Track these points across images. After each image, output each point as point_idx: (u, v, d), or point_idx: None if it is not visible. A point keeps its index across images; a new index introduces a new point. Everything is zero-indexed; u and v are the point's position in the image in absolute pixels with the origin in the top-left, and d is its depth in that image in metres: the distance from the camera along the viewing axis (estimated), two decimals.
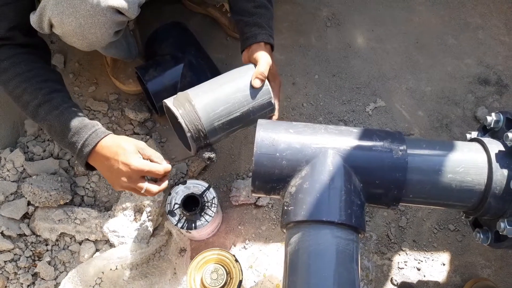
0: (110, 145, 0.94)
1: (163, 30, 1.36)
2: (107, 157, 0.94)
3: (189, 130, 0.94)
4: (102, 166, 0.96)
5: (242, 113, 0.97)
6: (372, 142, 0.83)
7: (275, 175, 0.82)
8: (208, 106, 0.95)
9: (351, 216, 0.78)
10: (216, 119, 0.95)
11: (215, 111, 0.95)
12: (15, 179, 1.25)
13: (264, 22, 1.05)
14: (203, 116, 0.94)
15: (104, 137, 0.95)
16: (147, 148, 0.97)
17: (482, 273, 1.25)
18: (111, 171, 0.94)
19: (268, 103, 1.00)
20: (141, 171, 0.93)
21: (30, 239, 1.22)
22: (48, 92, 0.97)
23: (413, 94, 1.48)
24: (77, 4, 0.94)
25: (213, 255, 1.07)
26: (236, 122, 0.98)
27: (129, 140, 0.96)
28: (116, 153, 0.93)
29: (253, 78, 0.98)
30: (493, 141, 0.86)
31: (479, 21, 1.59)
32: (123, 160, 0.92)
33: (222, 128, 0.97)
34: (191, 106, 0.94)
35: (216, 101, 0.96)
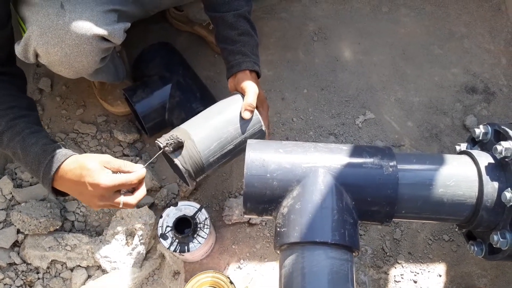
0: (73, 168, 0.88)
1: (150, 50, 1.36)
2: (73, 181, 0.88)
3: (186, 170, 0.94)
4: (72, 191, 0.91)
5: (235, 145, 0.99)
6: (362, 159, 0.83)
7: (266, 196, 0.81)
8: (202, 144, 0.95)
9: (344, 235, 0.77)
10: (211, 155, 0.96)
11: (209, 148, 0.96)
12: (4, 207, 1.23)
13: (248, 50, 1.06)
14: (201, 153, 0.95)
15: (65, 160, 0.89)
16: (114, 160, 0.90)
17: (478, 283, 1.25)
18: (82, 194, 0.89)
19: (259, 131, 1.01)
20: (112, 187, 0.87)
21: (21, 267, 1.20)
22: (12, 119, 0.94)
23: (401, 105, 1.49)
24: (62, 34, 0.93)
25: (207, 278, 1.06)
26: (229, 153, 1.00)
27: (92, 157, 0.89)
28: (81, 175, 0.86)
29: (243, 110, 0.99)
30: (482, 154, 0.86)
31: (464, 30, 1.61)
32: (90, 181, 0.86)
33: (217, 161, 0.98)
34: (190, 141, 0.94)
35: (209, 137, 0.96)
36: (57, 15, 0.93)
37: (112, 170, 0.89)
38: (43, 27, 0.93)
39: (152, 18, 1.40)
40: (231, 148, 0.98)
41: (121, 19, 1.04)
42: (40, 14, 0.93)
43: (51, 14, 0.93)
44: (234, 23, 1.06)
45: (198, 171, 0.96)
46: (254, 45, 1.08)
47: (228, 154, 0.99)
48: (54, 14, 0.93)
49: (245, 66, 1.04)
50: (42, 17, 0.93)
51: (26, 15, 0.95)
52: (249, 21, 1.09)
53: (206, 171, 0.98)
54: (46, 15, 0.93)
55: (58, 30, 0.93)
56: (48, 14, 0.93)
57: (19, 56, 0.98)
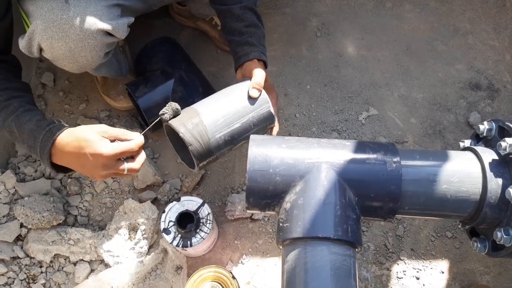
0: (70, 140, 0.86)
1: (153, 45, 1.36)
2: (73, 153, 0.86)
3: (191, 144, 0.92)
4: (72, 164, 0.90)
5: (242, 123, 0.97)
6: (365, 155, 0.83)
7: (269, 192, 0.81)
8: (209, 119, 0.94)
9: (347, 231, 0.77)
10: (217, 131, 0.94)
11: (216, 123, 0.94)
12: (7, 201, 1.24)
13: (255, 40, 1.06)
14: (207, 127, 0.93)
15: (60, 133, 0.88)
16: (110, 129, 0.89)
17: (481, 280, 1.25)
18: (84, 166, 0.87)
19: (268, 112, 1.00)
20: (114, 155, 0.86)
21: (24, 261, 1.21)
22: (6, 99, 0.93)
23: (405, 101, 1.48)
24: (67, 28, 0.93)
25: (209, 273, 1.06)
26: (237, 134, 0.97)
27: (89, 128, 0.88)
28: (81, 147, 0.85)
29: (250, 89, 0.99)
30: (486, 150, 0.85)
31: (468, 26, 1.60)
32: (91, 151, 0.84)
33: (224, 140, 0.96)
34: (197, 118, 0.93)
35: (216, 113, 0.95)
36: (62, 9, 0.93)
37: (110, 139, 0.88)
38: (47, 21, 0.92)
39: (155, 13, 1.40)
40: (238, 126, 0.96)
41: (125, 14, 1.04)
42: (44, 9, 0.93)
43: (55, 8, 0.93)
44: (241, 15, 1.06)
45: (204, 149, 0.93)
46: (261, 36, 1.08)
47: (235, 134, 0.97)
48: (59, 9, 0.93)
49: (253, 55, 1.04)
50: (46, 12, 0.92)
51: (30, 9, 0.94)
52: (256, 12, 1.09)
53: (212, 150, 0.95)
54: (50, 10, 0.93)
55: (62, 24, 0.93)
56: (52, 8, 0.93)
57: (23, 51, 0.98)
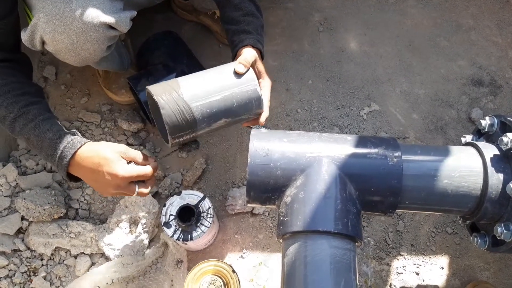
0: (90, 156, 0.89)
1: (155, 39, 1.36)
2: (90, 168, 0.89)
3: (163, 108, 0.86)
4: (87, 178, 0.91)
5: (224, 97, 0.90)
6: (366, 149, 0.83)
7: (270, 185, 0.81)
8: (187, 89, 0.89)
9: (348, 225, 0.77)
10: (194, 100, 0.88)
11: (194, 92, 0.89)
12: (8, 194, 1.24)
13: (251, 29, 1.04)
14: (185, 96, 0.88)
15: (81, 146, 0.90)
16: (129, 150, 0.91)
17: (481, 276, 1.25)
18: (98, 181, 0.90)
19: (253, 91, 0.93)
20: (129, 178, 0.89)
21: (25, 254, 1.21)
22: (24, 105, 0.94)
23: (407, 97, 1.48)
24: (69, 21, 0.93)
25: (210, 266, 1.06)
26: (216, 107, 0.90)
27: (109, 146, 0.90)
28: (99, 164, 0.88)
29: (236, 64, 0.95)
30: (488, 145, 0.85)
31: (471, 22, 1.60)
32: (108, 170, 0.87)
33: (202, 112, 0.89)
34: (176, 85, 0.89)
35: (196, 84, 0.90)
36: (64, 2, 0.93)
37: (127, 160, 0.91)
38: (49, 14, 0.92)
39: (157, 7, 1.39)
40: (219, 99, 0.90)
41: (127, 7, 1.04)
42: (47, 1, 0.92)
43: (58, 1, 0.92)
44: (239, 4, 1.05)
45: (178, 118, 0.88)
46: (259, 25, 1.07)
47: (214, 107, 0.90)
48: (61, 1, 0.92)
49: (247, 42, 1.02)
50: (48, 4, 0.92)
51: (33, 2, 0.94)
52: (255, 3, 1.08)
53: (188, 120, 0.89)
54: (53, 2, 0.92)
55: (65, 17, 0.93)
56: (55, 1, 0.92)
57: (26, 43, 0.98)
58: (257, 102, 0.95)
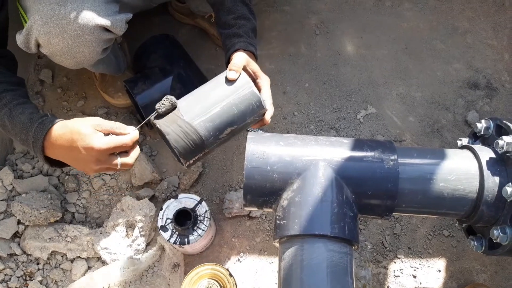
0: (63, 133, 0.84)
1: (152, 42, 1.36)
2: (65, 147, 0.84)
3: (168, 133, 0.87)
4: (65, 158, 0.87)
5: (223, 107, 0.90)
6: (363, 153, 0.83)
7: (266, 189, 0.81)
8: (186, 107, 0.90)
9: (344, 228, 0.77)
10: (194, 119, 0.89)
11: (192, 111, 0.89)
12: (4, 198, 1.23)
13: (242, 31, 1.03)
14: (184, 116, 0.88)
15: (52, 126, 0.85)
16: (105, 122, 0.86)
17: (478, 278, 1.25)
18: (77, 160, 0.85)
19: (250, 93, 0.93)
20: (107, 149, 0.84)
21: (21, 258, 1.20)
22: None
23: (403, 100, 1.48)
24: (64, 24, 0.93)
25: (207, 270, 1.06)
26: (218, 119, 0.90)
27: (82, 121, 0.85)
28: (73, 140, 0.83)
29: (227, 71, 0.94)
30: (483, 148, 0.86)
31: (467, 25, 1.60)
32: (84, 145, 0.82)
33: (205, 127, 0.89)
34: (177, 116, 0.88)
35: (193, 101, 0.91)
36: (59, 4, 0.92)
37: (104, 132, 0.85)
38: (45, 16, 0.92)
39: (154, 10, 1.40)
40: (218, 110, 0.90)
41: (123, 10, 1.04)
42: (42, 4, 0.92)
43: (53, 4, 0.92)
44: (232, 7, 1.05)
45: (184, 135, 0.88)
46: (250, 28, 1.06)
47: (216, 119, 0.90)
48: (56, 4, 0.92)
49: (239, 46, 1.01)
50: (44, 7, 0.92)
51: (28, 4, 0.94)
52: (247, 5, 1.07)
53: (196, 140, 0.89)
54: (48, 5, 0.92)
55: (60, 20, 0.93)
56: (50, 3, 0.92)
57: (21, 46, 0.98)
58: (257, 103, 0.94)
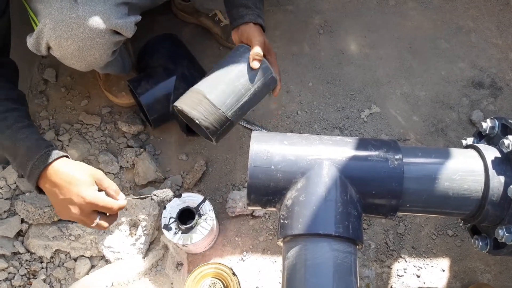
0: (63, 171, 0.86)
1: (155, 42, 1.36)
2: (58, 184, 0.85)
3: (208, 128, 0.98)
4: (52, 192, 0.87)
5: (250, 96, 1.01)
6: (367, 152, 0.82)
7: (270, 188, 0.81)
8: (218, 100, 0.98)
9: (348, 228, 0.77)
10: (228, 110, 0.98)
11: (225, 103, 0.98)
12: (8, 197, 1.24)
13: (250, 3, 1.04)
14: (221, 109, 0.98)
15: (57, 159, 0.87)
16: (105, 179, 0.88)
17: (482, 278, 1.24)
18: (62, 199, 0.85)
19: (271, 79, 1.03)
20: (94, 205, 0.85)
21: (25, 257, 1.21)
22: (2, 111, 0.91)
23: (407, 99, 1.48)
24: (76, 27, 0.93)
25: (210, 269, 1.06)
26: (246, 107, 1.02)
27: (86, 168, 0.88)
28: (70, 182, 0.84)
29: (251, 61, 0.99)
30: (489, 148, 0.85)
31: (471, 24, 1.59)
32: (77, 191, 0.84)
33: (236, 116, 1.00)
34: (206, 100, 0.97)
35: (223, 93, 0.99)
36: (70, 8, 0.93)
37: (99, 187, 0.88)
38: (56, 20, 0.92)
39: (157, 9, 1.39)
40: (246, 99, 1.01)
41: (132, 12, 1.04)
42: (53, 7, 0.93)
43: (64, 7, 0.93)
44: None
45: (219, 128, 1.00)
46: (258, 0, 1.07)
47: (244, 106, 1.01)
48: (67, 8, 0.93)
49: (248, 18, 1.02)
50: (55, 10, 0.92)
51: (38, 8, 0.94)
52: None
53: (227, 127, 1.01)
54: (59, 8, 0.92)
55: (71, 23, 0.93)
56: (61, 7, 0.92)
57: (31, 49, 0.98)
58: (274, 85, 1.05)
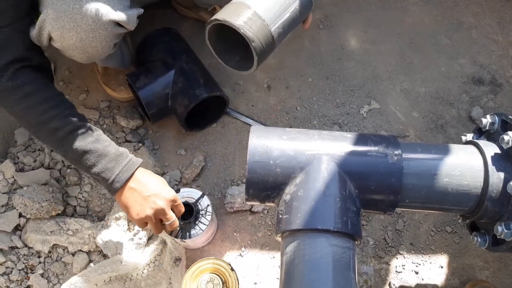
0: (150, 174, 1.01)
1: (154, 36, 1.35)
2: (147, 182, 0.98)
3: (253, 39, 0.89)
4: (139, 190, 0.97)
5: (291, 13, 0.96)
6: (366, 147, 0.82)
7: (269, 183, 0.80)
8: (263, 10, 0.92)
9: (347, 223, 0.76)
10: (272, 23, 0.93)
11: (269, 16, 0.92)
12: (6, 191, 1.23)
13: None
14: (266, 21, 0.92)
15: (140, 165, 1.00)
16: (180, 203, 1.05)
17: (480, 275, 1.24)
18: (148, 195, 0.97)
19: (309, 1, 1.00)
20: (175, 200, 1.01)
21: (22, 251, 1.20)
22: (79, 120, 0.97)
23: (407, 95, 1.47)
24: (78, 18, 0.92)
25: (208, 264, 1.05)
26: (287, 25, 0.96)
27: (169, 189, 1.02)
28: (158, 182, 1.00)
29: None
30: (488, 144, 0.85)
31: (472, 20, 1.59)
32: (165, 188, 1.00)
33: (278, 33, 0.95)
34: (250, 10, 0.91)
35: (268, 4, 0.93)
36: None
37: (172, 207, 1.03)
38: (58, 10, 0.92)
39: (157, 4, 1.38)
40: (288, 16, 0.95)
41: (133, 5, 1.03)
42: None
43: None
44: None
45: (265, 42, 0.92)
46: None
47: (285, 25, 0.96)
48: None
49: None
50: (57, 1, 0.91)
51: None
52: None
53: (271, 45, 0.94)
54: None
55: (74, 14, 0.92)
56: None
57: (33, 39, 0.97)
58: (309, 9, 1.02)
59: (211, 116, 1.39)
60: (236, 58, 0.99)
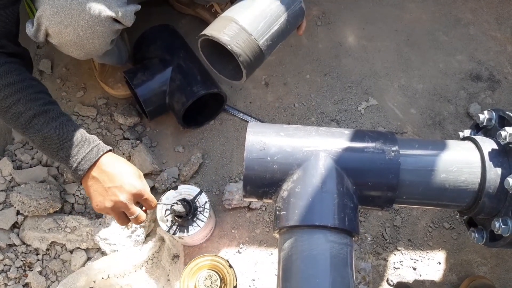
0: (115, 162, 0.93)
1: (151, 33, 1.34)
2: (109, 172, 0.91)
3: (240, 54, 0.91)
4: (100, 180, 0.91)
5: (280, 24, 0.96)
6: (364, 144, 0.82)
7: (266, 180, 0.80)
8: (250, 26, 0.93)
9: (344, 219, 0.76)
10: (260, 37, 0.93)
11: (257, 29, 0.93)
12: (3, 188, 1.23)
13: None
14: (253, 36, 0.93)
15: (106, 152, 0.93)
16: (143, 179, 0.97)
17: (478, 271, 1.24)
18: (110, 187, 0.90)
19: (300, 9, 0.99)
20: (141, 195, 0.93)
21: (20, 249, 1.20)
22: (44, 104, 0.92)
23: (405, 91, 1.47)
24: (76, 14, 0.92)
25: (206, 261, 1.06)
26: (276, 37, 0.97)
27: (132, 164, 0.97)
28: (122, 172, 0.92)
29: None
30: (486, 140, 0.85)
31: (470, 16, 1.59)
32: (129, 180, 0.91)
33: (267, 45, 0.95)
34: (237, 25, 0.92)
35: (255, 18, 0.94)
36: None
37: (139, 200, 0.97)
38: (56, 6, 0.91)
39: (155, 0, 1.38)
40: (277, 28, 0.96)
41: (131, 1, 1.03)
42: None
43: None
44: None
45: (253, 56, 0.94)
46: None
47: (274, 37, 0.96)
48: None
49: None
50: None
51: None
52: None
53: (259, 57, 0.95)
54: None
55: (71, 10, 0.92)
56: None
57: (30, 35, 0.97)
58: (302, 17, 1.01)
59: (209, 113, 1.39)
60: (229, 67, 1.01)
